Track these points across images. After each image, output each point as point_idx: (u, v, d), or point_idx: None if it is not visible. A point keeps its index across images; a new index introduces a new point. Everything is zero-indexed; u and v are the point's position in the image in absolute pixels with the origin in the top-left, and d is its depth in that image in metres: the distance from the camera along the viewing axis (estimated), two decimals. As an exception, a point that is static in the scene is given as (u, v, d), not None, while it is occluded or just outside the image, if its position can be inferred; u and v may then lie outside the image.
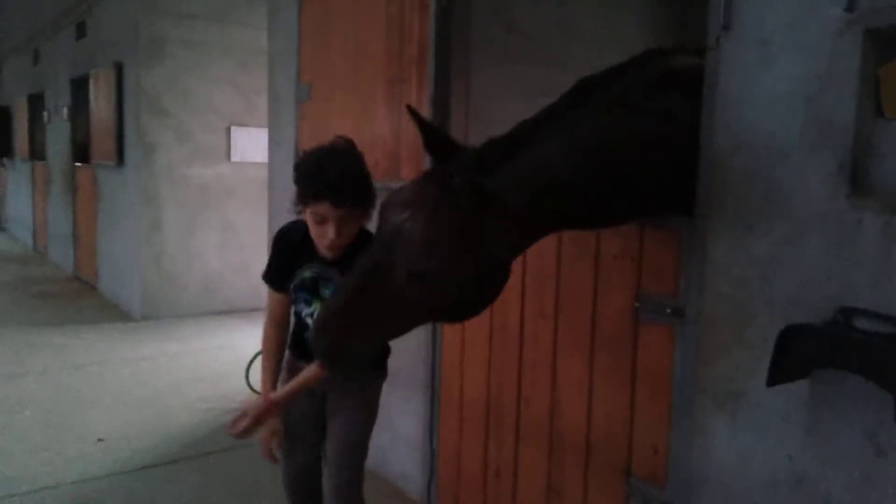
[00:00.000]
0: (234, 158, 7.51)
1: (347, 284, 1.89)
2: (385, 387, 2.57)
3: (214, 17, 7.22)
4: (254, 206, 7.43)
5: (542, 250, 2.62)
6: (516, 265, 2.71)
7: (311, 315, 2.39)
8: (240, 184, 7.56)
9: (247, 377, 5.05)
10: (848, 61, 1.76)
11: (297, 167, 2.21)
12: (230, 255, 7.58)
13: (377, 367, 2.51)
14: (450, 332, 3.08)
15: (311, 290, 2.37)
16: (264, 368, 2.45)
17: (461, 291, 1.86)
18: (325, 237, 2.18)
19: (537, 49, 4.11)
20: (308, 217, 2.20)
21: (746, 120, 1.97)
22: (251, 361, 5.09)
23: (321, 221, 2.16)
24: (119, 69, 7.36)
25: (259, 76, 7.20)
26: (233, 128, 7.46)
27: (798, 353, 1.78)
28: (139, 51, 6.90)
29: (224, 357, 5.85)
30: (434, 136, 1.89)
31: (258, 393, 4.95)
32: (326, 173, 2.11)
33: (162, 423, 4.44)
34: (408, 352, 3.37)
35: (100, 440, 4.15)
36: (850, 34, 1.75)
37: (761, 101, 1.94)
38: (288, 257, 2.37)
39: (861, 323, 1.75)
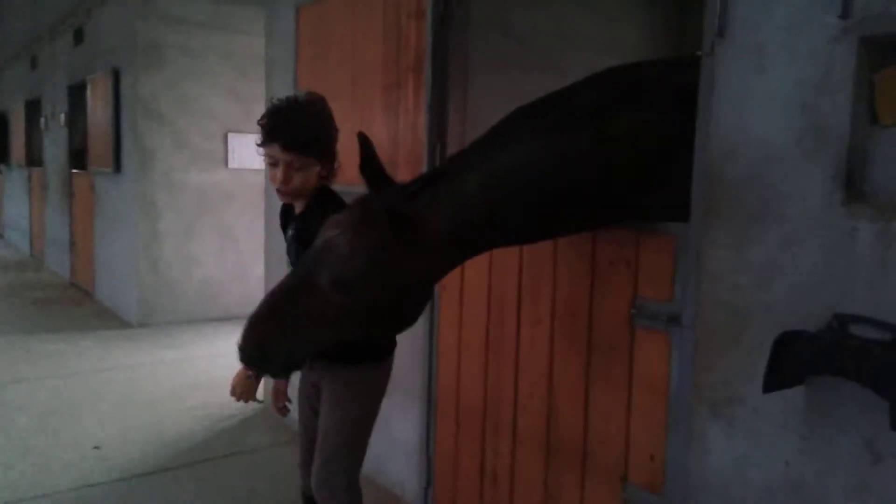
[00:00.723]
0: (231, 165, 7.51)
1: (277, 288, 2.03)
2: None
3: (213, 24, 7.23)
4: (251, 212, 7.43)
5: (538, 256, 2.62)
6: (513, 270, 2.73)
7: None
8: (237, 190, 7.56)
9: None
10: (843, 68, 1.77)
11: (264, 115, 2.32)
12: (228, 261, 7.57)
13: (371, 360, 2.47)
14: (446, 337, 3.08)
15: (291, 253, 2.46)
16: None
17: (378, 303, 1.99)
18: (274, 179, 2.30)
19: (535, 55, 4.11)
20: (265, 161, 2.33)
21: (741, 126, 1.98)
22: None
23: (272, 164, 2.28)
24: (116, 75, 7.36)
25: (257, 83, 7.18)
26: (230, 134, 7.46)
27: (794, 360, 1.78)
28: (136, 56, 6.91)
29: (222, 364, 5.82)
30: (370, 167, 2.02)
31: (256, 400, 4.95)
32: (280, 116, 2.24)
33: (159, 431, 4.43)
34: (404, 358, 3.36)
35: (96, 447, 4.14)
36: (845, 41, 1.76)
37: (756, 108, 1.94)
38: (283, 223, 2.56)
39: (857, 329, 1.75)
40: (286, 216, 2.56)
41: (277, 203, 4.55)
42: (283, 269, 4.48)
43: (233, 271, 7.59)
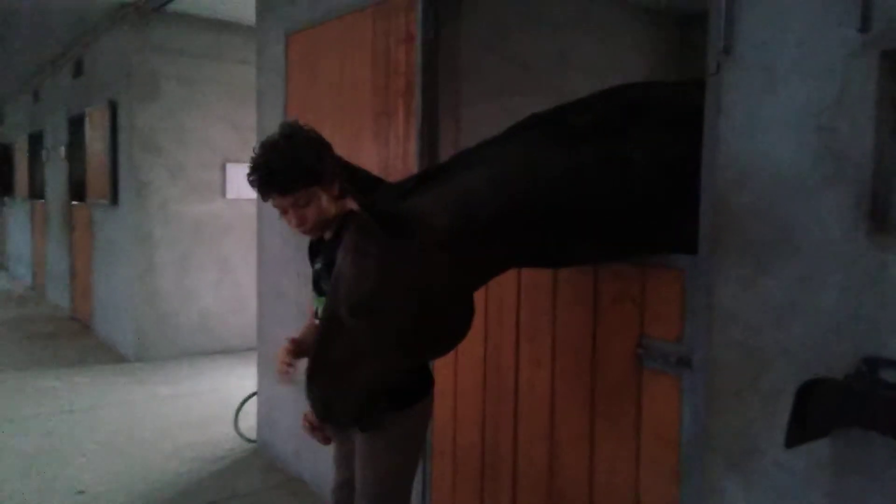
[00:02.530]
0: (229, 195, 7.39)
1: (316, 338, 1.92)
2: None
3: (209, 54, 7.16)
4: (249, 243, 7.27)
5: (536, 294, 2.45)
6: (510, 309, 2.55)
7: (317, 317, 2.35)
8: (235, 221, 7.43)
9: (235, 423, 4.87)
10: (863, 86, 1.60)
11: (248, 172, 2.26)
12: (226, 293, 7.42)
13: (403, 404, 2.29)
14: (441, 380, 2.89)
15: (315, 285, 2.41)
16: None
17: (405, 318, 1.81)
18: (290, 224, 2.26)
19: (533, 80, 3.98)
20: (276, 209, 2.28)
21: (752, 151, 1.81)
22: (240, 406, 4.92)
23: (283, 212, 2.24)
24: (113, 107, 7.29)
25: (254, 112, 7.12)
26: (227, 164, 7.35)
27: (819, 411, 1.59)
28: (133, 88, 6.83)
29: (215, 401, 5.65)
30: (350, 178, 1.96)
31: (246, 440, 4.76)
32: (259, 170, 2.17)
33: (146, 474, 4.23)
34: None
35: (80, 492, 3.95)
36: (864, 56, 1.60)
37: (768, 131, 1.78)
38: (311, 257, 2.48)
39: (889, 375, 1.57)
40: (315, 247, 2.48)
41: (272, 234, 4.44)
42: (278, 304, 4.34)
43: (231, 304, 7.44)
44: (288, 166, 2.15)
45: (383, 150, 3.10)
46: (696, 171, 2.00)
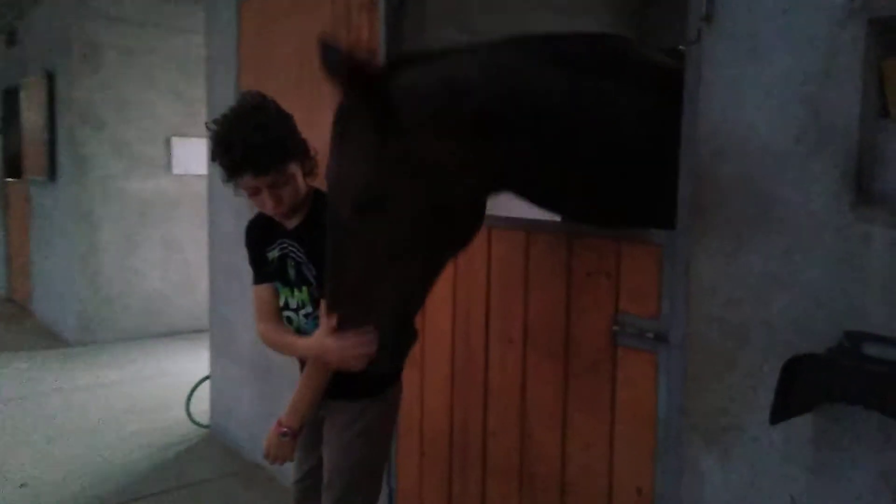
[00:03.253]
0: (175, 171, 7.12)
1: (327, 266, 1.75)
2: None
3: (153, 23, 6.84)
4: (198, 221, 7.04)
5: (507, 268, 2.38)
6: (480, 284, 2.48)
7: (283, 311, 2.21)
8: (182, 198, 7.17)
9: (187, 408, 4.70)
10: (849, 55, 1.56)
11: (210, 143, 2.08)
12: (173, 273, 7.17)
13: (371, 394, 2.22)
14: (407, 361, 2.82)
15: (280, 274, 2.20)
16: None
17: (414, 209, 1.70)
18: (264, 207, 2.08)
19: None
20: (245, 193, 2.09)
21: (734, 122, 1.76)
22: (192, 390, 4.74)
23: (254, 193, 2.05)
24: (51, 78, 6.93)
25: (202, 83, 6.83)
26: (174, 138, 7.08)
27: (804, 387, 1.57)
28: (72, 58, 6.48)
29: (165, 385, 5.46)
30: (331, 60, 1.73)
31: (199, 425, 4.60)
32: (235, 148, 1.97)
33: (95, 463, 4.06)
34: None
35: (22, 486, 3.76)
36: (851, 24, 1.55)
37: (751, 101, 1.73)
38: (259, 243, 2.25)
39: (871, 349, 1.55)
40: (263, 234, 2.24)
41: (223, 211, 4.27)
42: (231, 284, 4.18)
43: (179, 284, 7.20)
44: (267, 142, 1.97)
45: (344, 122, 2.97)
46: (671, 137, 1.98)
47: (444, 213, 1.75)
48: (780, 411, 1.58)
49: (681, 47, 2.41)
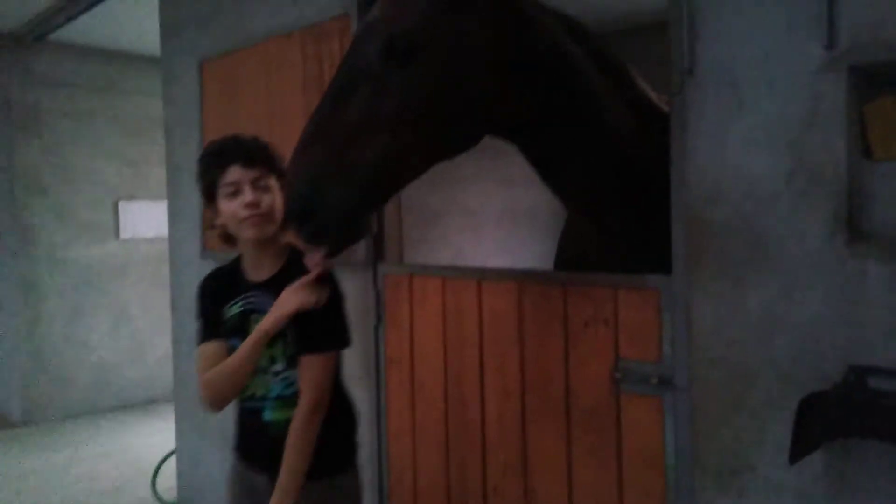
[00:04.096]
0: (123, 235, 6.92)
1: (319, 104, 1.66)
2: None
3: (99, 86, 6.71)
4: (148, 285, 6.86)
5: (499, 320, 2.37)
6: (472, 341, 2.45)
7: None
8: (131, 263, 6.96)
9: (153, 486, 4.47)
10: (832, 101, 1.65)
11: (199, 162, 2.11)
12: (122, 342, 6.90)
13: (332, 472, 2.07)
14: (397, 419, 2.76)
15: (240, 332, 2.04)
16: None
17: (441, 79, 1.67)
18: (242, 205, 1.97)
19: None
20: (221, 205, 2.01)
21: (723, 167, 1.83)
22: (158, 466, 4.53)
23: (235, 193, 1.99)
24: (-11, 145, 6.69)
25: (149, 145, 6.75)
26: (121, 202, 6.89)
27: (818, 424, 1.60)
28: (13, 123, 6.28)
29: (123, 462, 5.19)
30: None
31: (167, 503, 4.36)
32: (230, 141, 2.07)
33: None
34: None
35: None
36: (832, 72, 1.64)
37: (737, 147, 1.80)
38: (217, 298, 2.10)
39: (877, 382, 1.60)
40: (223, 289, 2.12)
41: (187, 275, 4.14)
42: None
43: (128, 353, 6.92)
44: (257, 142, 2.08)
45: (319, 181, 2.96)
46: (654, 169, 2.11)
47: (464, 98, 1.75)
48: (798, 450, 1.60)
49: (660, 96, 2.53)
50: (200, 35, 3.78)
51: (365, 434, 2.87)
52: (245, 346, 1.96)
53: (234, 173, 1.98)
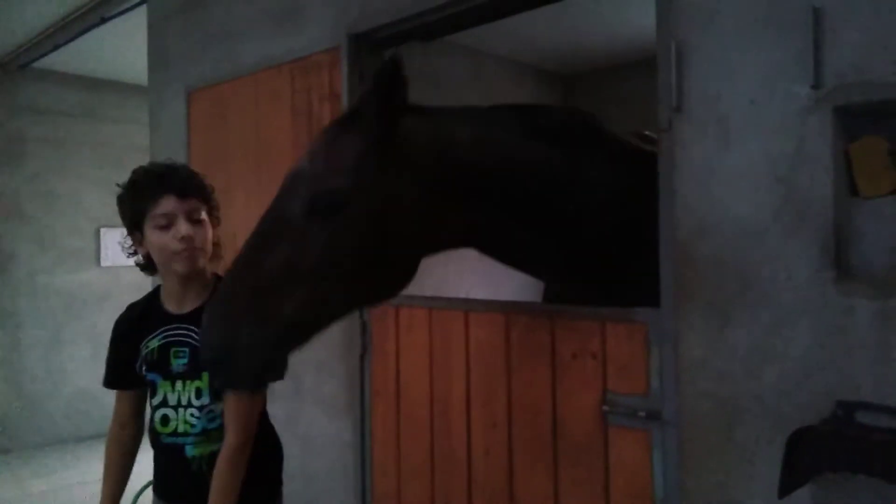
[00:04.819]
0: (104, 263, 6.85)
1: (240, 252, 1.64)
2: None
3: (81, 114, 6.69)
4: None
5: (486, 352, 2.37)
6: (459, 373, 2.45)
7: (159, 409, 1.98)
8: (112, 290, 6.87)
9: (132, 514, 4.38)
10: (818, 140, 1.68)
11: (125, 187, 1.98)
12: (102, 371, 6.75)
13: (267, 497, 2.08)
14: (382, 450, 2.73)
15: (160, 366, 1.97)
16: (104, 482, 2.08)
17: (365, 236, 1.66)
18: (176, 239, 1.89)
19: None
20: (150, 235, 1.93)
21: (710, 203, 1.85)
22: (137, 497, 4.43)
23: (167, 224, 1.90)
24: (-30, 171, 6.62)
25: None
26: (103, 230, 6.83)
27: (807, 458, 1.61)
28: (-6, 151, 6.24)
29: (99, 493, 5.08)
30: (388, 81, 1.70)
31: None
32: (163, 169, 1.96)
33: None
34: (331, 475, 2.97)
35: None
36: (818, 112, 1.68)
37: (725, 184, 1.83)
38: (133, 336, 2.03)
39: (864, 417, 1.61)
40: (139, 325, 2.05)
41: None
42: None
43: (109, 381, 6.81)
44: (190, 171, 2.01)
45: (307, 211, 2.96)
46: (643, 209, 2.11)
47: (393, 244, 1.73)
48: (787, 484, 1.61)
49: (647, 132, 2.56)
50: (189, 65, 3.80)
51: (350, 465, 2.84)
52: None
53: (168, 204, 1.89)
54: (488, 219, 1.95)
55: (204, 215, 1.97)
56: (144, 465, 4.60)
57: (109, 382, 2.09)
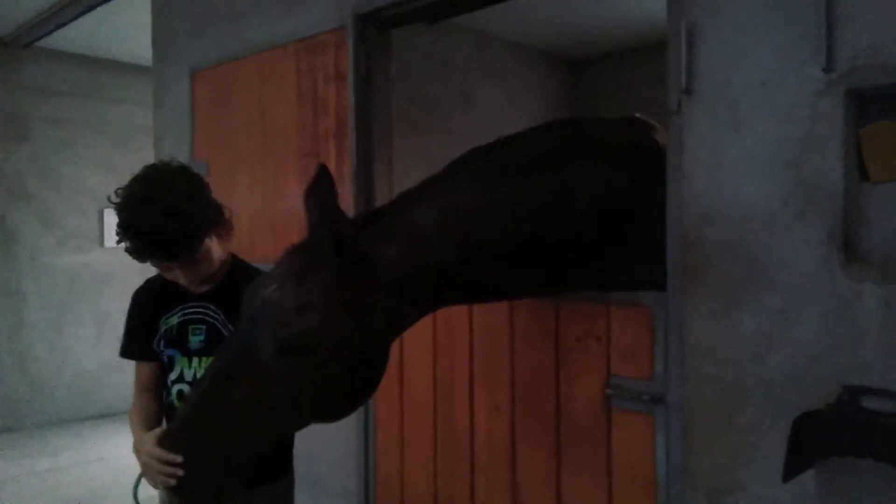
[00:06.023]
0: (108, 244, 6.84)
1: (204, 376, 1.66)
2: (308, 498, 2.21)
3: (85, 94, 6.66)
4: (131, 294, 6.76)
5: (491, 335, 2.37)
6: (462, 353, 2.45)
7: (176, 384, 2.04)
8: (115, 271, 6.87)
9: (135, 495, 4.39)
10: (830, 123, 1.66)
11: (116, 224, 1.86)
12: (106, 351, 6.80)
13: (280, 470, 2.13)
14: (385, 431, 2.74)
15: (178, 342, 2.02)
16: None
17: (336, 365, 1.63)
18: (177, 280, 1.96)
19: (439, 120, 4.01)
20: (153, 265, 1.97)
21: (719, 187, 1.84)
22: (140, 476, 4.45)
23: (165, 270, 1.96)
24: (-26, 151, 6.61)
25: (136, 154, 6.67)
26: (105, 210, 6.83)
27: (812, 443, 1.60)
28: (-1, 129, 6.22)
29: (104, 471, 5.11)
30: (319, 194, 1.70)
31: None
32: (144, 236, 1.80)
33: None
34: (334, 457, 2.98)
35: None
36: (830, 95, 1.66)
37: (734, 168, 1.81)
38: (153, 310, 2.05)
39: (871, 402, 1.60)
40: (159, 300, 2.05)
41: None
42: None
43: (111, 362, 6.81)
44: (179, 229, 1.80)
45: (312, 192, 2.94)
46: (636, 208, 2.07)
47: (368, 355, 1.72)
48: (792, 468, 1.61)
49: (637, 115, 2.52)
50: (193, 45, 3.77)
51: (353, 447, 2.85)
52: (134, 435, 1.96)
53: (159, 264, 1.92)
54: (472, 279, 1.90)
55: (207, 245, 1.92)
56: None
57: (128, 353, 2.10)
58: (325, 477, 3.05)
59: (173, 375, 2.04)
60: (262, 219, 3.20)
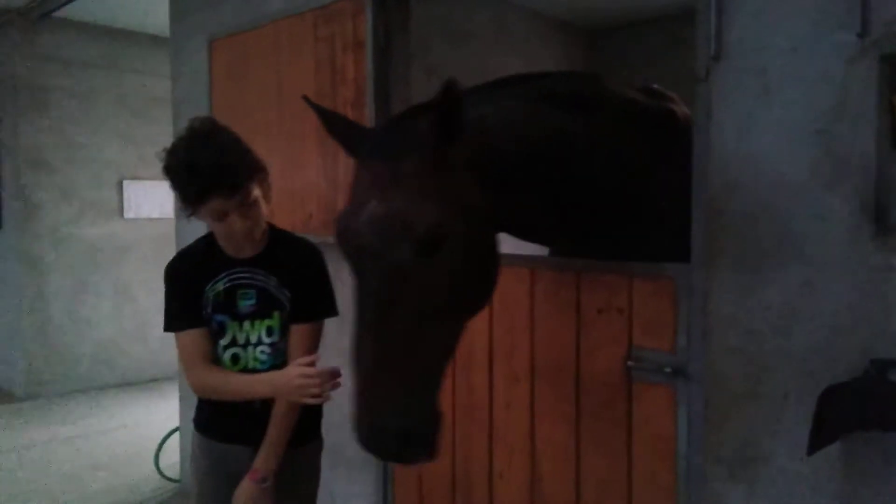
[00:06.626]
0: (127, 215, 6.89)
1: (357, 328, 1.57)
2: (326, 465, 2.26)
3: (104, 65, 6.66)
4: (151, 265, 6.81)
5: (510, 306, 2.35)
6: (481, 326, 2.44)
7: (229, 349, 2.05)
8: (135, 242, 6.93)
9: (156, 462, 4.48)
10: (863, 90, 1.62)
11: (167, 172, 1.91)
12: (126, 321, 6.89)
13: (311, 431, 2.22)
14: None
15: (227, 307, 2.04)
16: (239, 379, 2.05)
17: (476, 241, 1.64)
18: (233, 230, 1.95)
19: (458, 92, 3.96)
20: (205, 220, 1.97)
21: (747, 156, 1.80)
22: (162, 443, 4.53)
23: (221, 217, 1.93)
24: (-5, 122, 6.65)
25: (155, 126, 6.70)
26: (126, 182, 6.86)
27: (837, 416, 1.58)
28: (18, 101, 6.23)
29: (125, 439, 5.20)
30: (335, 121, 1.88)
31: (170, 480, 4.38)
32: (201, 169, 1.85)
33: (56, 526, 3.81)
34: (348, 431, 2.99)
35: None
36: (863, 61, 1.61)
37: (763, 136, 1.77)
38: (195, 280, 2.05)
39: (897, 376, 1.58)
40: (200, 269, 2.07)
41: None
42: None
43: (131, 332, 6.91)
44: (233, 161, 1.89)
45: (331, 163, 2.93)
46: (655, 173, 2.12)
47: (486, 255, 1.72)
48: (817, 441, 1.59)
49: (654, 86, 2.48)
50: (210, 14, 3.74)
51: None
52: (250, 385, 2.00)
53: (216, 205, 1.89)
54: (523, 199, 1.91)
55: (256, 192, 1.95)
56: (168, 416, 4.69)
57: (174, 326, 2.08)
58: (343, 445, 3.06)
59: (225, 341, 2.05)
60: (281, 189, 3.18)
